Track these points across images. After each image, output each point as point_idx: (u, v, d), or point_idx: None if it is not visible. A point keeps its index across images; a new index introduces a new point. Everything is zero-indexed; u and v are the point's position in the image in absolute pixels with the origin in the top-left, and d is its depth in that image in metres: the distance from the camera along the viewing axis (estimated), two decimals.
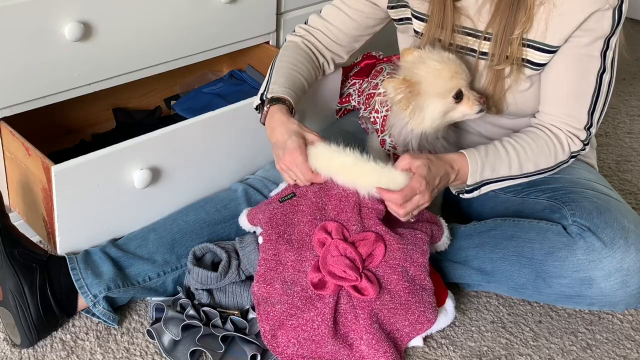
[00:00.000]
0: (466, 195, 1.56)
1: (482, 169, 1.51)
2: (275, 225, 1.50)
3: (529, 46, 1.52)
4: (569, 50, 1.51)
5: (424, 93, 1.52)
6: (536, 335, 1.59)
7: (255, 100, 1.63)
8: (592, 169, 1.73)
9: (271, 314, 1.46)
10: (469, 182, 1.51)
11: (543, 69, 1.55)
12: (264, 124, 1.57)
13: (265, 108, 1.56)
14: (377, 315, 1.46)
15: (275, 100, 1.55)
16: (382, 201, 1.46)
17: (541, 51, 1.52)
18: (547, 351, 1.55)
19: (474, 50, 1.57)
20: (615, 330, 1.62)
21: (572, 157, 1.58)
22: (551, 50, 1.51)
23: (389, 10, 1.67)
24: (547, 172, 1.58)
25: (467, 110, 1.54)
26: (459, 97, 1.53)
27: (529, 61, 1.54)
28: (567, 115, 1.55)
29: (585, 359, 1.54)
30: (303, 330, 1.44)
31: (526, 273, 1.56)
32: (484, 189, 1.54)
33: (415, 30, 1.63)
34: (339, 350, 1.44)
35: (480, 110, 1.55)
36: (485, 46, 1.55)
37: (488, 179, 1.53)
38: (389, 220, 1.50)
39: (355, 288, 1.45)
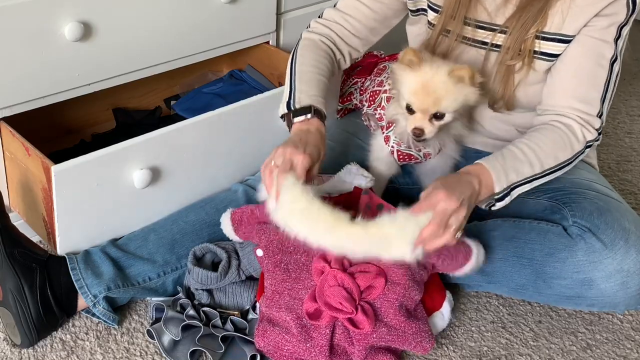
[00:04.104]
0: (498, 205, 1.48)
1: (505, 172, 1.45)
2: (272, 255, 1.48)
3: (543, 39, 1.51)
4: (585, 36, 1.49)
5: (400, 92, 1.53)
6: (536, 335, 1.59)
7: (281, 108, 1.56)
8: (593, 169, 1.73)
9: (268, 332, 1.45)
10: (496, 189, 1.45)
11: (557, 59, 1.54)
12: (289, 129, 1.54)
13: (301, 117, 1.51)
14: (373, 346, 1.45)
15: (306, 110, 1.51)
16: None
17: (557, 42, 1.51)
18: (547, 351, 1.56)
19: (484, 43, 1.56)
20: (615, 330, 1.62)
21: (587, 147, 1.53)
22: (567, 40, 1.50)
23: (408, 0, 1.66)
24: (567, 165, 1.52)
25: (409, 125, 1.51)
26: (410, 110, 1.52)
27: (543, 53, 1.52)
28: (580, 101, 1.51)
29: (585, 359, 1.54)
30: (300, 356, 1.44)
31: (526, 274, 1.56)
32: (515, 193, 1.47)
33: (429, 22, 1.62)
34: None
35: (416, 136, 1.51)
36: (500, 39, 1.54)
37: (515, 182, 1.46)
38: None
39: (350, 320, 1.42)
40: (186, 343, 1.48)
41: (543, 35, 1.51)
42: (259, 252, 1.51)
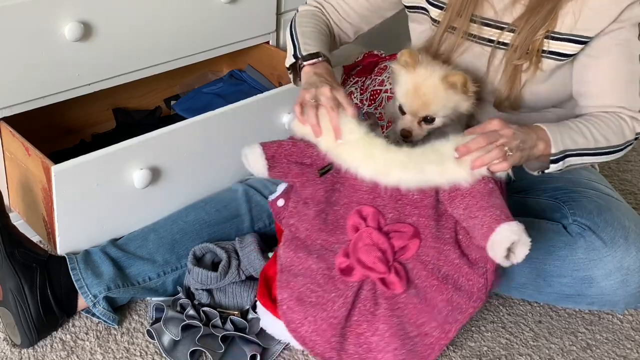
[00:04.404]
0: (552, 167, 1.45)
1: (561, 136, 1.43)
2: (317, 203, 1.46)
3: (553, 38, 1.49)
4: (613, 40, 1.48)
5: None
6: (536, 335, 1.59)
7: (288, 60, 1.59)
8: (593, 168, 1.73)
9: (292, 283, 1.44)
10: (553, 150, 1.42)
11: (571, 59, 1.52)
12: (296, 84, 1.55)
13: (313, 60, 1.53)
14: (402, 310, 1.41)
15: (315, 56, 1.53)
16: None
17: (569, 42, 1.49)
18: (547, 351, 1.55)
19: (490, 41, 1.55)
20: (615, 330, 1.62)
21: (635, 138, 1.52)
22: (581, 41, 1.49)
23: None
24: (617, 150, 1.50)
25: (399, 125, 1.52)
26: (401, 110, 1.52)
27: (552, 52, 1.51)
28: (623, 100, 1.51)
29: (585, 359, 1.54)
30: (323, 309, 1.41)
31: (526, 272, 1.56)
32: (567, 161, 1.45)
33: (433, 19, 1.61)
34: (346, 338, 1.42)
35: (404, 137, 1.51)
36: (507, 37, 1.52)
37: (570, 149, 1.44)
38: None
39: (382, 280, 1.41)
40: (186, 343, 1.48)
41: (553, 35, 1.49)
42: (280, 202, 1.51)
